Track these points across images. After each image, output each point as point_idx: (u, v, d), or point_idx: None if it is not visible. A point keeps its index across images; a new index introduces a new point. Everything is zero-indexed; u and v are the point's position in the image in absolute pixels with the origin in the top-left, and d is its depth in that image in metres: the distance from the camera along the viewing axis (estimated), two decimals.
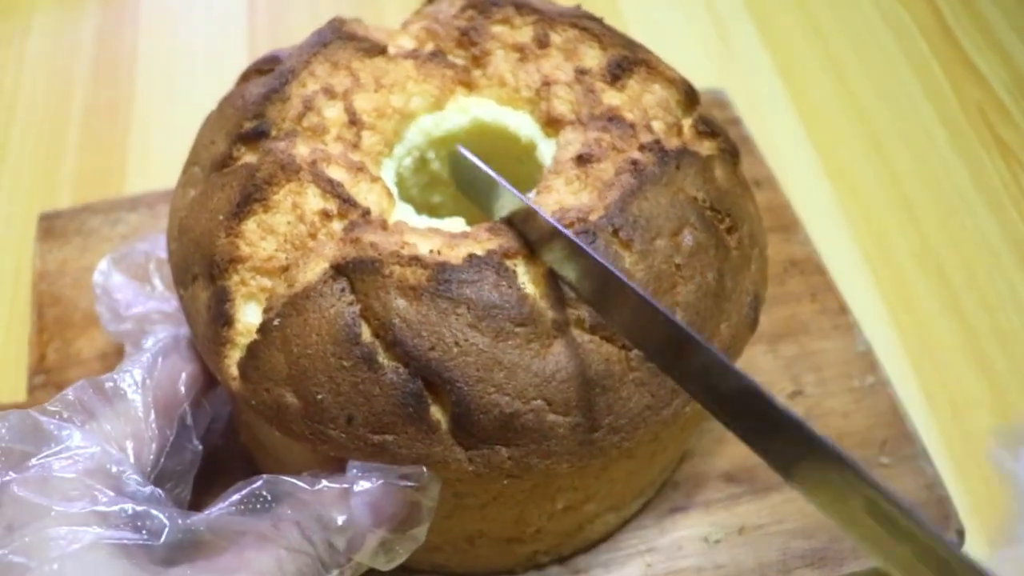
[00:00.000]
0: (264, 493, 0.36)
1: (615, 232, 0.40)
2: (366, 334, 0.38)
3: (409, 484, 0.37)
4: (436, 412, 0.38)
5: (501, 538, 0.47)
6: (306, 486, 0.36)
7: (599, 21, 0.48)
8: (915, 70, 0.79)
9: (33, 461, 0.35)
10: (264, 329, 0.39)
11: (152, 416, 0.39)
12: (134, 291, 0.50)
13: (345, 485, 0.37)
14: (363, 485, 0.37)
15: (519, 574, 0.50)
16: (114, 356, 0.57)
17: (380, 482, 0.37)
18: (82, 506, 0.33)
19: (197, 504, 0.41)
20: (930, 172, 0.72)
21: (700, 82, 0.50)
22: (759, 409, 0.31)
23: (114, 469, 0.36)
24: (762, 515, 0.52)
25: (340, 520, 0.36)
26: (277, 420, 0.39)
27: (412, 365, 0.37)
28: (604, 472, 0.44)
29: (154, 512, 0.35)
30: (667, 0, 0.85)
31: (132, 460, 0.37)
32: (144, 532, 0.34)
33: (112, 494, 0.35)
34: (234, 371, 0.40)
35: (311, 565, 0.35)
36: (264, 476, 0.37)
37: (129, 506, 0.34)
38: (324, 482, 0.37)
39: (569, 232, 0.38)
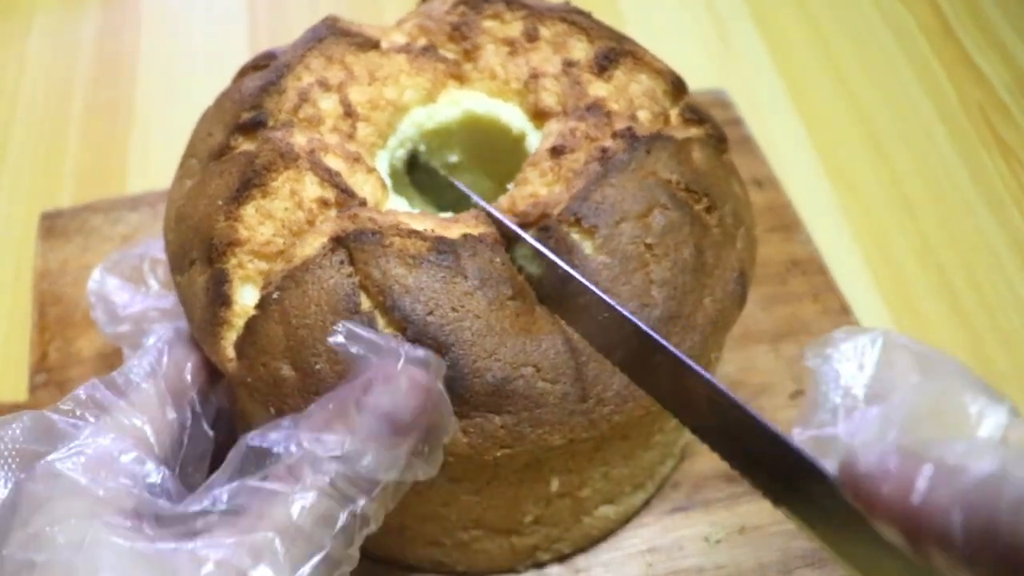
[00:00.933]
0: (263, 446, 0.34)
1: (577, 221, 0.41)
2: (365, 303, 0.39)
3: (420, 372, 0.34)
4: None
5: (499, 529, 0.47)
6: (307, 419, 0.34)
7: (587, 15, 0.49)
8: (916, 70, 0.79)
9: (47, 459, 0.35)
10: (263, 303, 0.40)
11: (169, 402, 0.39)
12: (130, 292, 0.50)
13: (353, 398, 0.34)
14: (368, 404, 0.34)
15: (520, 573, 0.50)
16: (115, 356, 0.58)
17: (384, 396, 0.34)
18: (95, 497, 0.34)
19: None
20: (930, 172, 0.72)
21: (700, 82, 0.50)
22: (714, 406, 0.31)
23: (127, 459, 0.36)
24: (763, 515, 0.52)
25: (348, 445, 0.33)
26: (273, 395, 0.39)
27: (410, 330, 0.38)
28: (597, 453, 0.44)
29: (166, 497, 0.35)
30: (667, 0, 0.85)
31: (155, 448, 0.37)
32: (157, 517, 0.34)
33: (126, 482, 0.35)
34: (230, 352, 0.40)
35: (332, 504, 0.33)
36: (257, 430, 0.35)
37: (143, 494, 0.34)
38: (327, 404, 0.34)
39: (513, 224, 0.39)
